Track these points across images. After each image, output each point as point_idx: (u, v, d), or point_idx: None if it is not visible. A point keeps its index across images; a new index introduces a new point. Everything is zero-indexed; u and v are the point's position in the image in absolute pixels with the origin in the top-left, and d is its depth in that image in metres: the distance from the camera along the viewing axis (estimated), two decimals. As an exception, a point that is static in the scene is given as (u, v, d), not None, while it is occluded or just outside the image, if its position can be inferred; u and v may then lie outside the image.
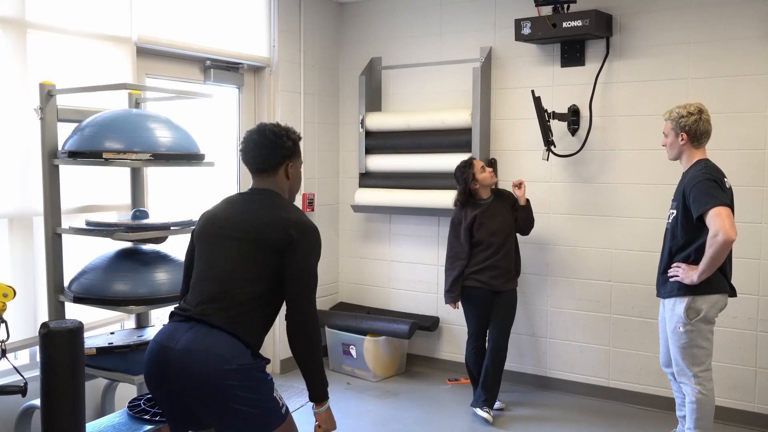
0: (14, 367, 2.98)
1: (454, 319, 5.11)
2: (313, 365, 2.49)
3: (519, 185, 4.37)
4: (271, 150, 2.56)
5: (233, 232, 2.50)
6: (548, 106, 4.54)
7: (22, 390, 2.90)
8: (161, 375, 2.42)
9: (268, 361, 2.50)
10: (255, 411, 2.38)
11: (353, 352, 5.12)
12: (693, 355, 3.41)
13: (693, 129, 3.42)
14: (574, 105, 4.60)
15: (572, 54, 4.61)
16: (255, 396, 2.38)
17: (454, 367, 5.17)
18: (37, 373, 2.77)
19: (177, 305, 2.58)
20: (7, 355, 2.96)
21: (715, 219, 3.20)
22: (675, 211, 3.46)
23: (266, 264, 2.44)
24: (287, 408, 2.51)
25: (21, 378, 2.95)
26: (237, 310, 2.42)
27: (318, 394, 2.51)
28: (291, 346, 2.48)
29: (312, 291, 2.48)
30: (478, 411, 4.28)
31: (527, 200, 4.37)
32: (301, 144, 2.70)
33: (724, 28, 4.15)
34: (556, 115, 4.55)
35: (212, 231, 2.57)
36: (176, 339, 2.39)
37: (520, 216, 4.35)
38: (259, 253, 2.44)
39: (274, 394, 2.45)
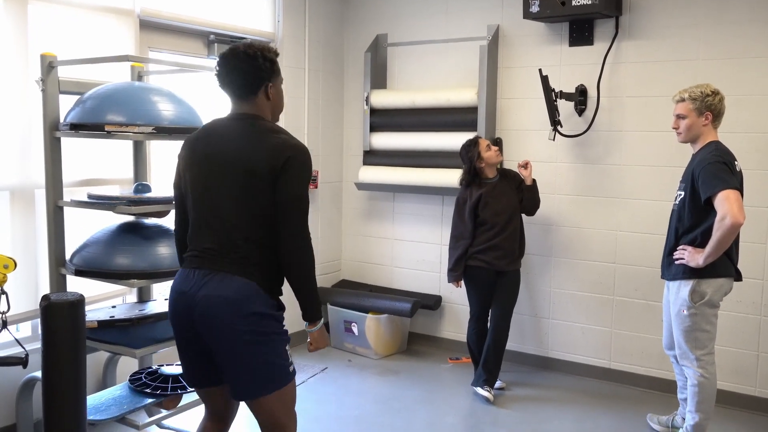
0: (15, 339, 2.98)
1: (457, 298, 5.11)
2: (308, 288, 2.45)
3: (525, 165, 4.33)
4: (246, 73, 2.43)
5: (224, 168, 2.39)
6: (555, 85, 4.49)
7: (22, 361, 2.90)
8: (188, 319, 2.41)
9: (283, 308, 2.50)
10: (263, 364, 2.39)
11: (355, 329, 5.12)
12: (696, 338, 3.40)
13: (717, 108, 3.38)
14: (581, 85, 4.55)
15: (581, 33, 4.55)
16: (265, 349, 2.39)
17: (456, 346, 5.18)
18: (39, 345, 2.76)
19: (188, 250, 2.50)
20: (9, 327, 2.97)
21: (724, 202, 3.16)
22: (683, 193, 3.43)
23: (263, 197, 2.36)
24: (294, 369, 2.51)
25: (22, 349, 2.95)
26: (244, 252, 2.38)
27: (312, 315, 2.50)
28: (285, 270, 2.44)
29: (305, 215, 2.41)
30: (479, 390, 4.28)
31: (534, 180, 4.34)
32: (281, 63, 2.52)
33: (734, 11, 4.08)
34: (563, 95, 4.50)
35: (202, 169, 2.45)
36: (197, 285, 2.37)
37: (526, 196, 4.32)
38: (254, 187, 2.36)
39: (286, 348, 2.46)
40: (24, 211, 3.51)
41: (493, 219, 4.21)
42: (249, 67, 2.42)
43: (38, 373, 2.98)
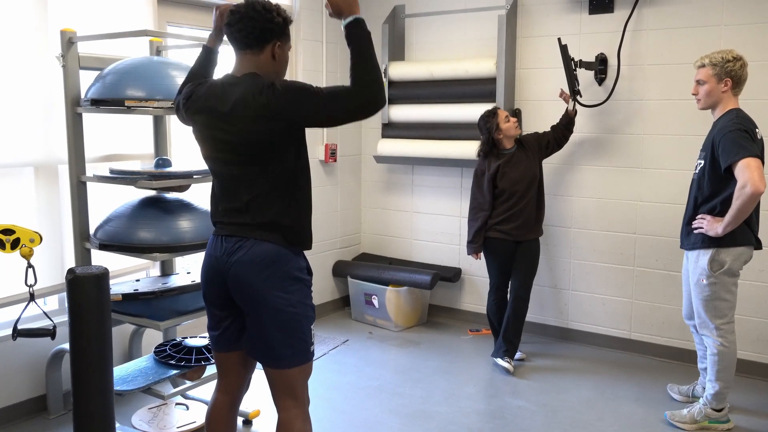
0: (43, 312, 3.04)
1: (476, 270, 5.12)
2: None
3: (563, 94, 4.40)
4: (258, 23, 2.37)
5: (228, 135, 2.36)
6: (575, 54, 4.44)
7: (50, 333, 2.97)
8: (220, 281, 2.46)
9: (311, 273, 2.52)
10: (290, 336, 2.42)
11: (375, 302, 5.16)
12: (715, 307, 3.39)
13: (738, 75, 3.32)
14: (601, 53, 4.49)
15: (601, 0, 4.48)
16: (294, 323, 2.41)
17: (476, 317, 5.20)
18: (66, 317, 2.82)
19: (217, 218, 2.55)
20: (37, 300, 3.03)
21: (744, 170, 3.12)
22: (703, 162, 3.39)
23: (273, 152, 2.35)
24: (314, 350, 2.54)
25: (50, 322, 3.02)
26: (268, 215, 2.40)
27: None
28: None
29: (338, 94, 2.27)
30: (499, 361, 4.31)
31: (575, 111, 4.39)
32: (293, 30, 2.48)
33: (760, -27, 4.00)
34: (583, 64, 4.45)
35: (207, 140, 2.45)
36: (227, 252, 2.42)
37: (563, 123, 4.37)
38: (260, 144, 2.34)
39: (311, 326, 2.48)
40: (48, 187, 3.57)
41: (511, 188, 4.20)
42: (262, 18, 2.38)
43: (66, 345, 3.05)
